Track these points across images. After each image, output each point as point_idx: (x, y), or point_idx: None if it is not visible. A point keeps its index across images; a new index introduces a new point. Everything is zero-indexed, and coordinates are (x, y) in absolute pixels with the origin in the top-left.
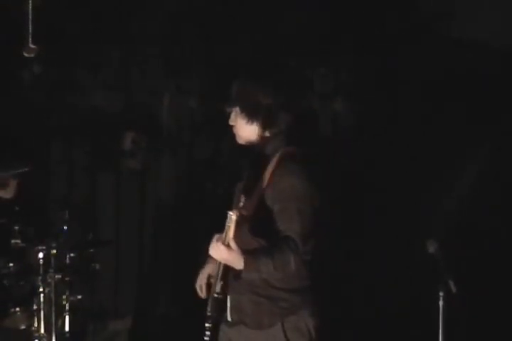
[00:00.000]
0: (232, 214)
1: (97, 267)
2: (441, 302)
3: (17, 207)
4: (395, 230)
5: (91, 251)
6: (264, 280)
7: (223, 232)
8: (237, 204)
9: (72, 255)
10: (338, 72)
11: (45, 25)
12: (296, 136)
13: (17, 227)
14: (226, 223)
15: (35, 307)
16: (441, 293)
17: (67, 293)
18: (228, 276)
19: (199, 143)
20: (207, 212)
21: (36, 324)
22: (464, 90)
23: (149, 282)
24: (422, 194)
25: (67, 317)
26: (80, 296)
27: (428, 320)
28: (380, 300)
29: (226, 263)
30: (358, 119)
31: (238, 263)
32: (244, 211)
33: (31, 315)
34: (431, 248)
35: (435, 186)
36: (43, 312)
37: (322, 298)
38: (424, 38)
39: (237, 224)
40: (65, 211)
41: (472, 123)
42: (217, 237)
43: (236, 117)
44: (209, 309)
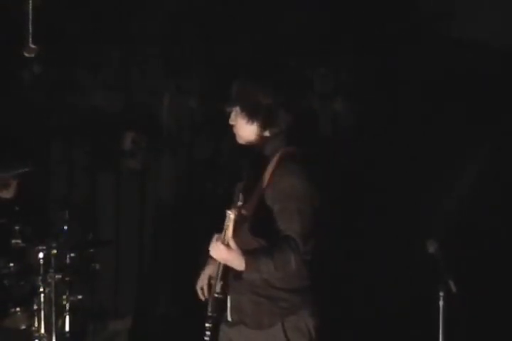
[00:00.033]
0: (230, 213)
1: (97, 267)
2: (442, 302)
3: (17, 207)
4: (395, 230)
5: (91, 251)
6: (264, 280)
7: (222, 232)
8: (236, 203)
9: (73, 255)
10: (338, 72)
11: (45, 25)
12: (296, 136)
13: (17, 227)
14: (225, 222)
15: (36, 307)
16: (442, 293)
17: (68, 293)
18: (228, 276)
19: (199, 143)
20: (207, 212)
21: (36, 324)
22: (464, 90)
23: (149, 282)
24: (422, 194)
25: (68, 317)
26: (80, 296)
27: (428, 320)
28: (380, 300)
29: (226, 263)
30: (358, 119)
31: (239, 264)
32: (244, 211)
33: (31, 315)
34: (431, 248)
35: (435, 186)
36: (43, 312)
37: (322, 298)
38: (424, 38)
39: (235, 223)
40: (65, 211)
41: (472, 123)
42: (217, 237)
43: (236, 117)
44: (209, 309)
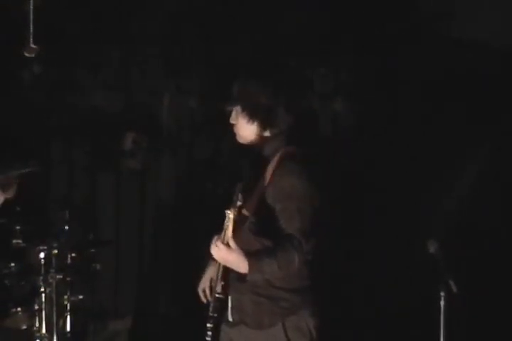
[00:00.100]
0: (229, 213)
1: (98, 267)
2: (443, 303)
3: (18, 207)
4: (395, 230)
5: (92, 251)
6: (265, 280)
7: (222, 232)
8: (235, 203)
9: (74, 255)
10: (338, 72)
11: (45, 25)
12: (296, 136)
13: (18, 227)
14: (225, 222)
15: (37, 307)
16: (442, 293)
17: (69, 293)
18: (229, 276)
19: (199, 143)
20: (207, 212)
21: (37, 324)
22: (464, 90)
23: (149, 282)
24: (422, 194)
25: (69, 317)
26: (81, 296)
27: (428, 320)
28: (380, 300)
29: (228, 265)
30: (358, 119)
31: (241, 265)
32: (244, 211)
33: (32, 315)
34: (431, 248)
35: (435, 186)
36: (44, 312)
37: (322, 298)
38: (424, 38)
39: (235, 222)
40: (65, 211)
41: (472, 123)
42: (217, 238)
43: (237, 116)
44: (211, 309)
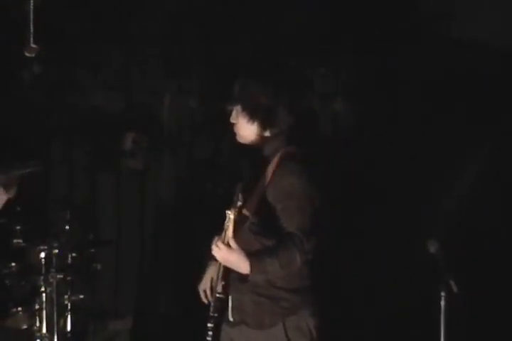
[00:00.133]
0: (230, 213)
1: (98, 267)
2: (443, 303)
3: (18, 207)
4: (395, 230)
5: (92, 251)
6: (266, 280)
7: (223, 232)
8: (235, 203)
9: (74, 255)
10: (338, 72)
11: (45, 25)
12: (296, 135)
13: (18, 227)
14: (225, 222)
15: (37, 307)
16: (443, 293)
17: (69, 293)
18: (229, 276)
19: (199, 143)
20: (207, 212)
21: (38, 324)
22: (464, 90)
23: (149, 282)
24: (422, 194)
25: (69, 317)
26: (82, 296)
27: (428, 320)
28: (380, 300)
29: (228, 266)
30: (358, 119)
31: (242, 266)
32: (245, 211)
33: (33, 314)
34: (432, 248)
35: (435, 186)
36: (44, 312)
37: (322, 298)
38: (424, 38)
39: (235, 222)
40: (65, 211)
41: (472, 123)
42: (218, 238)
43: (237, 115)
44: (211, 309)
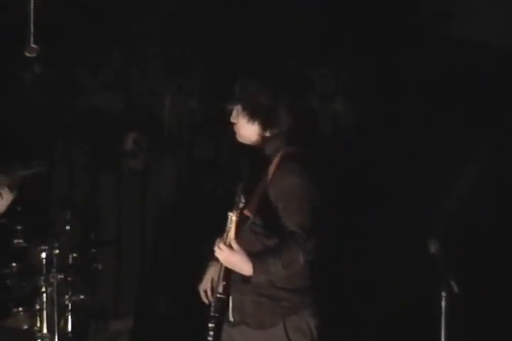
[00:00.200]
0: (232, 215)
1: (99, 267)
2: (444, 303)
3: (19, 207)
4: (395, 230)
5: (93, 251)
6: (268, 281)
7: (224, 234)
8: (237, 205)
9: (75, 255)
10: (338, 72)
11: (45, 25)
12: (296, 135)
13: (19, 227)
14: (227, 224)
15: (38, 307)
16: (444, 294)
17: (70, 293)
18: (230, 277)
19: (199, 143)
20: (207, 212)
21: (39, 324)
22: (464, 90)
23: (150, 282)
24: (422, 194)
25: (70, 317)
26: (83, 296)
27: (428, 320)
28: (380, 300)
29: (231, 267)
30: (358, 119)
31: (245, 268)
32: (246, 211)
33: (33, 315)
34: (432, 248)
35: (435, 186)
36: (45, 312)
37: (322, 298)
38: (424, 38)
39: (237, 224)
40: (66, 211)
41: (472, 123)
42: (219, 240)
43: (238, 115)
44: (212, 309)
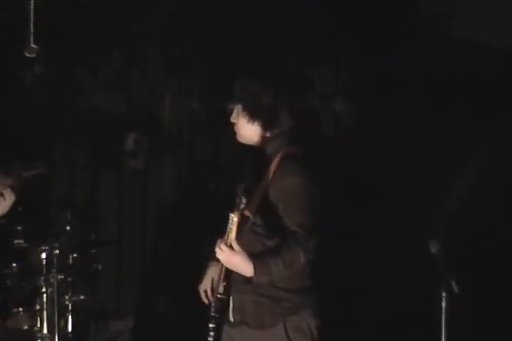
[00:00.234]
0: (233, 216)
1: (99, 267)
2: (444, 303)
3: (19, 208)
4: (395, 230)
5: (93, 251)
6: (269, 281)
7: (225, 235)
8: (239, 206)
9: (75, 255)
10: (338, 72)
11: (45, 25)
12: (297, 135)
13: (19, 227)
14: (228, 225)
15: (38, 307)
16: (444, 294)
17: (70, 293)
18: (231, 277)
19: (200, 143)
20: (208, 212)
21: (39, 324)
22: (464, 90)
23: (150, 282)
24: (422, 194)
25: (70, 317)
26: (83, 296)
27: (428, 320)
28: (380, 300)
29: (232, 268)
30: (358, 119)
31: (246, 268)
32: (247, 212)
33: (34, 315)
34: (433, 248)
35: (435, 186)
36: (45, 313)
37: (322, 298)
38: (424, 38)
39: (238, 225)
40: (66, 211)
41: (472, 123)
42: (221, 241)
43: (238, 115)
44: (212, 309)
